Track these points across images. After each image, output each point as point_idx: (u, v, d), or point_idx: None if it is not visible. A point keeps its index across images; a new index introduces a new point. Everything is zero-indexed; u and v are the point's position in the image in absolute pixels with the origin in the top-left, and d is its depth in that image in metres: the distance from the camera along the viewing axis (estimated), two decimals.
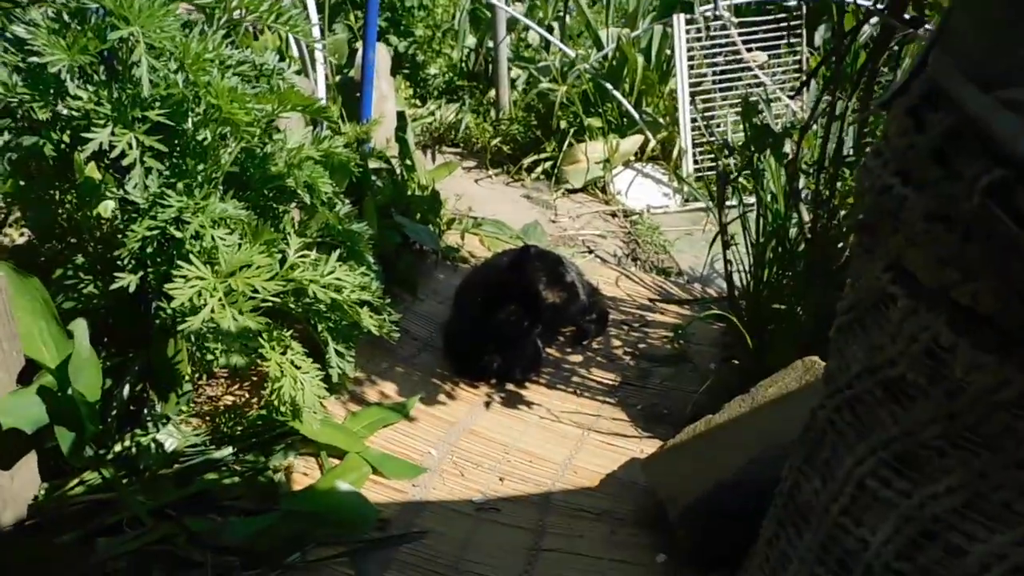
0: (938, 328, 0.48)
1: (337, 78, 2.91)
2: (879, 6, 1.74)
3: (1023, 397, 0.44)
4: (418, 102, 3.79)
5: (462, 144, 3.63)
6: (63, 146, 1.45)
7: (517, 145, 3.51)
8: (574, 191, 3.38)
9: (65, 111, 1.34)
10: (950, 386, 0.49)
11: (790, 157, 1.91)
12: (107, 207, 1.50)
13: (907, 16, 1.58)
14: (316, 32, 2.42)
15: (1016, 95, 0.44)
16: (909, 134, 0.48)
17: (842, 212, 1.88)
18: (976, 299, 0.44)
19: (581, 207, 3.30)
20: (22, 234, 2.02)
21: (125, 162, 1.28)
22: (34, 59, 1.23)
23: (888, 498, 0.55)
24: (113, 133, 1.27)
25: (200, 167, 1.41)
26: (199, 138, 1.42)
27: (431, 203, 2.60)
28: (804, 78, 3.46)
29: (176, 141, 1.41)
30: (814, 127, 1.96)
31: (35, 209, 1.57)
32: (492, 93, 3.66)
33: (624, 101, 3.37)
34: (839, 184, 1.87)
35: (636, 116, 3.39)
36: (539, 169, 3.42)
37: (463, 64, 3.94)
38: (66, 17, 1.32)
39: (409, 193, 2.60)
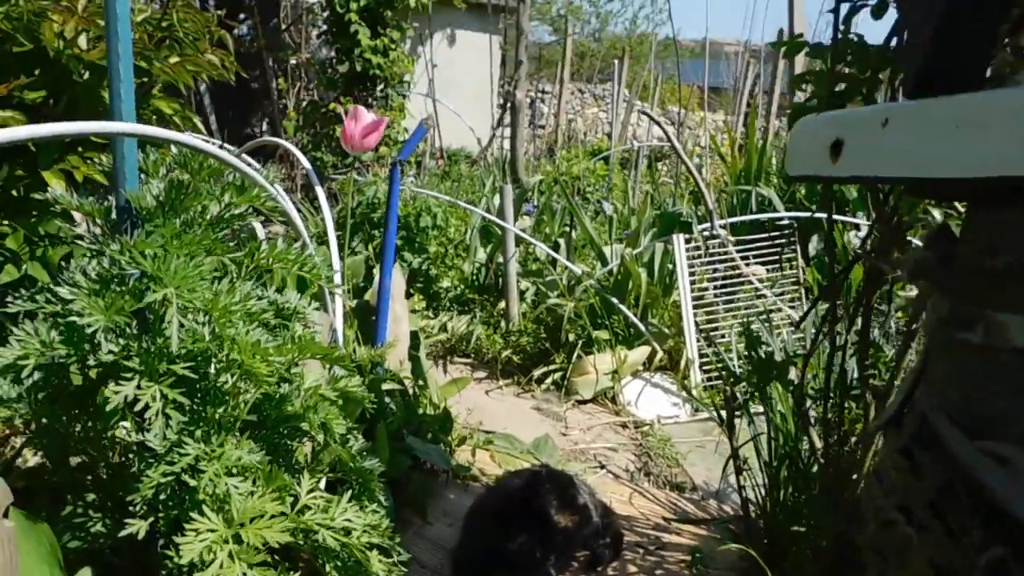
0: None
1: (354, 302, 3.04)
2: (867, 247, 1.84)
3: None
4: (431, 314, 3.92)
5: (473, 354, 3.71)
6: (87, 381, 1.50)
7: (527, 356, 3.58)
8: (584, 402, 3.40)
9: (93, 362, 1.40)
10: None
11: (795, 383, 1.95)
12: (124, 428, 1.52)
13: (895, 257, 1.67)
14: (336, 259, 2.56)
15: (999, 449, 0.47)
16: (905, 473, 0.51)
17: (852, 438, 1.88)
18: None
19: (591, 418, 3.30)
20: (35, 453, 2.03)
21: (148, 415, 1.31)
22: (73, 319, 1.30)
23: None
24: (139, 386, 1.31)
25: (219, 412, 1.44)
26: (219, 382, 1.46)
27: (443, 422, 2.62)
28: (801, 291, 3.59)
29: (197, 386, 1.46)
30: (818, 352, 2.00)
31: (48, 435, 1.59)
32: (502, 305, 3.79)
33: (630, 314, 3.48)
34: (846, 411, 1.89)
35: (642, 328, 3.48)
36: (549, 380, 3.46)
37: (474, 277, 4.11)
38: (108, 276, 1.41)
39: (421, 412, 2.62)
